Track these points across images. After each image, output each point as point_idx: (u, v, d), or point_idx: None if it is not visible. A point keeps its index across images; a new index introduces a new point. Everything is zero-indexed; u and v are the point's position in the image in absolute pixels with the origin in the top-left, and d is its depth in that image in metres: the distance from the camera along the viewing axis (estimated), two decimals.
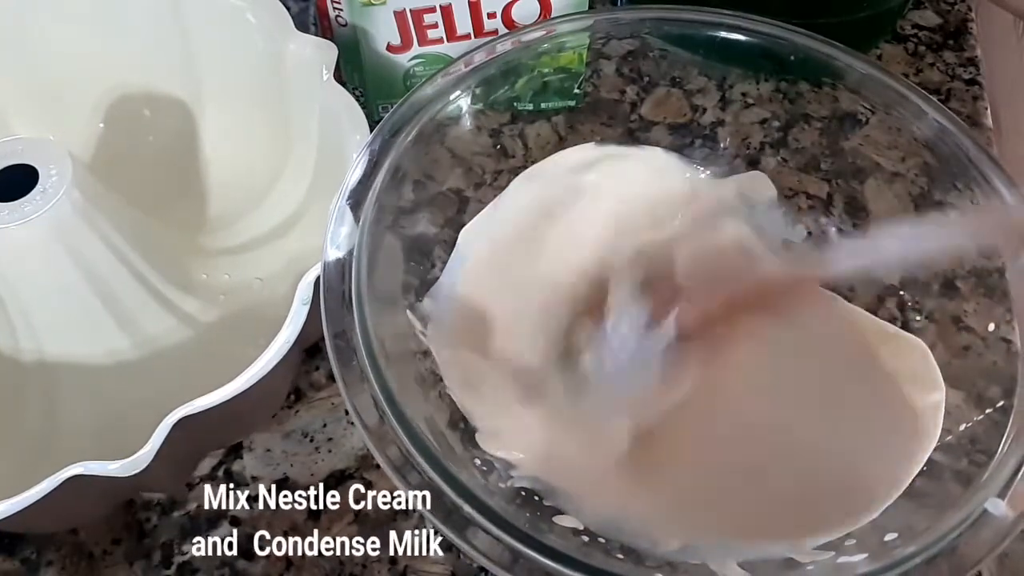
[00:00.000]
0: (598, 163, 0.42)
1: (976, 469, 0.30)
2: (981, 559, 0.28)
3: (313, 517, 0.36)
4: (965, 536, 0.28)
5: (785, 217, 0.42)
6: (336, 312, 0.31)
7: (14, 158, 0.35)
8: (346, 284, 0.31)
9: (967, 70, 0.53)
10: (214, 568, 0.35)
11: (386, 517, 0.36)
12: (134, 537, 0.36)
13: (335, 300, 0.31)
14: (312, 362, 0.40)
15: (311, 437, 0.38)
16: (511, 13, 0.43)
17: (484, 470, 0.34)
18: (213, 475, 0.37)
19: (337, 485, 0.37)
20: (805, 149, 0.43)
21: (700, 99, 0.45)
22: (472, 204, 0.41)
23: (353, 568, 0.35)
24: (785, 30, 0.39)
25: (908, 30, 0.55)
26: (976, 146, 0.36)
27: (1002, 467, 0.30)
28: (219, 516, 0.36)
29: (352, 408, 0.29)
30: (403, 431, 0.29)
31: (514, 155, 0.43)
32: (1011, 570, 0.38)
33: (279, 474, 0.37)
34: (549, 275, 0.40)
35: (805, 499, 0.34)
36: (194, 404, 0.31)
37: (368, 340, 0.30)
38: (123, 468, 0.30)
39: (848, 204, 0.42)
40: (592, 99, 0.46)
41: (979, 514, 0.28)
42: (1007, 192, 0.35)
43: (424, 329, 0.36)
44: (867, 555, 0.30)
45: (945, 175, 0.37)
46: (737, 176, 0.43)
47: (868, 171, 0.41)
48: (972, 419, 0.33)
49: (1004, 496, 0.29)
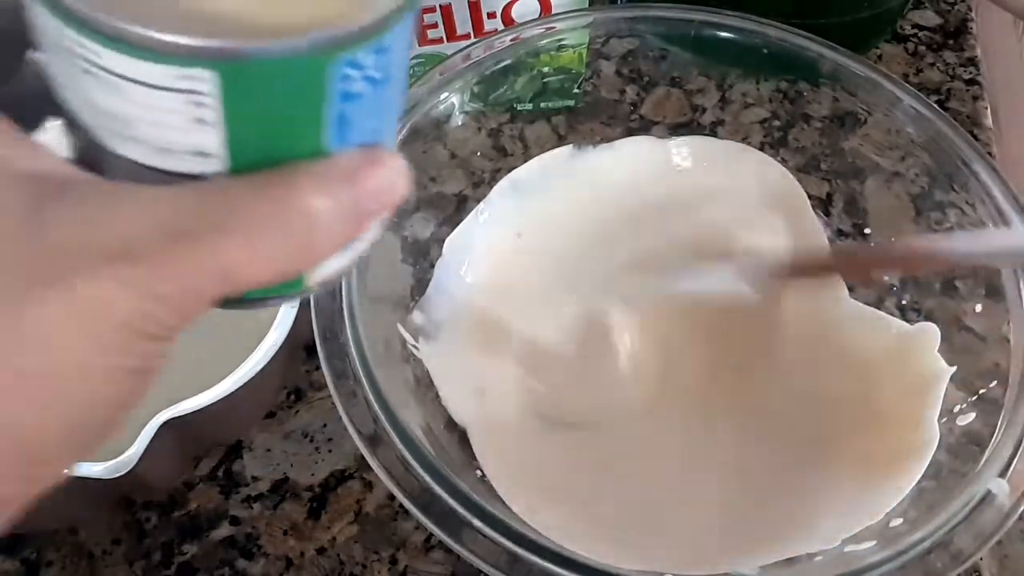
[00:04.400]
0: (575, 160, 0.42)
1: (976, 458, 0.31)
2: (988, 539, 0.28)
3: (313, 517, 0.36)
4: (971, 518, 0.28)
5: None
6: (327, 313, 0.31)
7: None
8: (338, 286, 0.31)
9: (967, 70, 0.53)
10: (214, 568, 0.35)
11: (386, 517, 0.36)
12: (134, 537, 0.36)
13: (327, 301, 0.31)
14: (312, 362, 0.40)
15: (311, 437, 0.38)
16: (511, 13, 0.43)
17: (482, 475, 0.34)
18: (213, 475, 0.37)
19: (337, 485, 0.37)
20: (805, 149, 0.43)
21: (700, 99, 0.45)
22: (471, 204, 0.41)
23: (353, 568, 0.35)
24: (785, 31, 0.39)
25: (908, 30, 0.55)
26: (970, 147, 0.36)
27: (1001, 449, 0.30)
28: (219, 516, 0.36)
29: (345, 416, 0.29)
30: (397, 436, 0.29)
31: (513, 155, 0.43)
32: (1011, 570, 0.38)
33: (279, 474, 0.37)
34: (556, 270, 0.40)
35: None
36: (181, 406, 0.31)
37: (360, 344, 0.30)
38: (108, 470, 0.30)
39: (848, 204, 0.42)
40: (592, 99, 0.46)
41: (983, 495, 0.29)
42: (1001, 195, 0.35)
43: (416, 343, 0.36)
44: (875, 542, 0.30)
45: (943, 175, 0.37)
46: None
47: (868, 171, 0.41)
48: (971, 417, 0.33)
49: (1005, 476, 0.29)
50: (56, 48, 0.16)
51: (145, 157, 0.16)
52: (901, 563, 0.28)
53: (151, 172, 0.16)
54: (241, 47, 0.15)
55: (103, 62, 0.15)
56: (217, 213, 0.15)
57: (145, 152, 0.16)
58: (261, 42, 0.15)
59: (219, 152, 0.16)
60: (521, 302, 0.39)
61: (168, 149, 0.16)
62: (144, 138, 0.16)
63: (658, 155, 0.43)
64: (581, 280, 0.41)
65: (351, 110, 0.16)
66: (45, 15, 0.15)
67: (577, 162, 0.41)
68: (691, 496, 0.35)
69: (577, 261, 0.41)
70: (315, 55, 0.15)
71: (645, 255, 0.40)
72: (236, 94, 0.15)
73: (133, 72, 0.15)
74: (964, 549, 0.28)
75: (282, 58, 0.15)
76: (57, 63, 0.16)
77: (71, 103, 0.16)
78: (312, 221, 0.16)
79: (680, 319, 0.39)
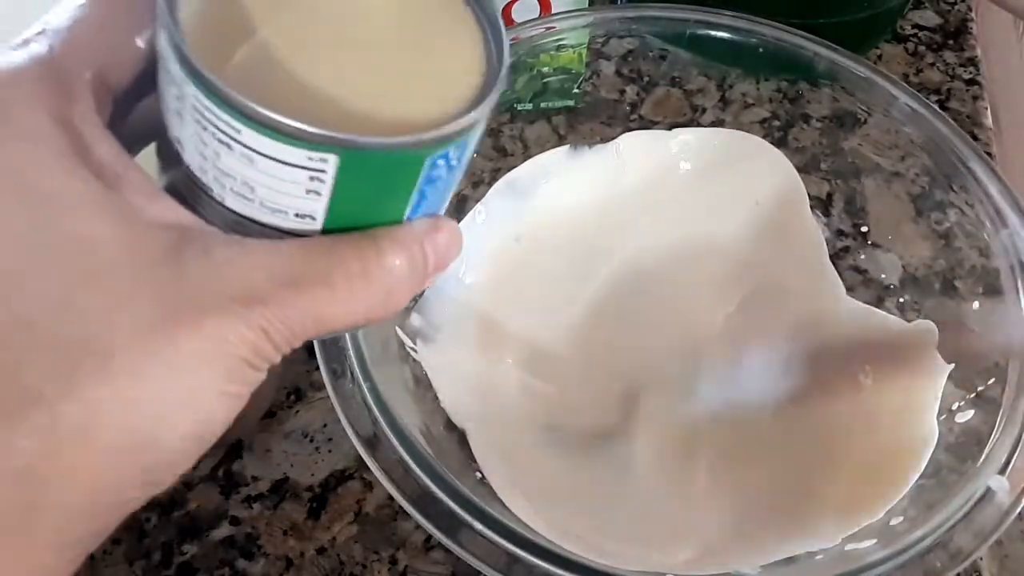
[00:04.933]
0: (572, 160, 0.42)
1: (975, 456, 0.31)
2: (988, 537, 0.28)
3: (313, 517, 0.36)
4: (971, 516, 0.28)
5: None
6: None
7: None
8: None
9: (967, 70, 0.53)
10: (214, 568, 0.35)
11: (386, 517, 0.36)
12: (134, 537, 0.36)
13: None
14: (312, 362, 0.40)
15: (311, 437, 0.38)
16: (511, 13, 0.43)
17: (481, 476, 0.34)
18: (213, 475, 0.37)
19: (337, 485, 0.37)
20: (805, 149, 0.43)
21: (700, 99, 0.45)
22: (470, 204, 0.41)
23: (353, 568, 0.35)
24: (784, 31, 0.40)
25: (908, 30, 0.55)
26: (968, 147, 0.36)
27: (1000, 446, 0.30)
28: (219, 516, 0.36)
29: (344, 418, 0.29)
30: (396, 438, 0.29)
31: (513, 155, 0.43)
32: (1011, 570, 0.38)
33: (279, 474, 0.37)
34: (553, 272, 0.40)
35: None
36: None
37: (358, 346, 0.30)
38: None
39: (848, 204, 0.42)
40: (592, 99, 0.46)
41: (982, 493, 0.29)
42: (999, 195, 0.35)
43: (414, 345, 0.36)
44: (875, 541, 0.30)
45: (942, 176, 0.37)
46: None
47: (868, 171, 0.41)
48: (970, 414, 0.34)
49: (1004, 473, 0.29)
50: (193, 113, 0.18)
51: (252, 213, 0.19)
52: (901, 562, 0.28)
53: (254, 225, 0.19)
54: (363, 140, 0.17)
55: (241, 138, 0.17)
56: (322, 267, 0.19)
57: (254, 209, 0.19)
58: (380, 136, 0.18)
59: (319, 216, 0.19)
60: (520, 303, 0.39)
61: (277, 210, 0.19)
62: (258, 199, 0.19)
63: (659, 152, 0.42)
64: (580, 281, 0.41)
65: (430, 189, 0.20)
66: (189, 85, 0.17)
67: (574, 162, 0.41)
68: (691, 496, 0.35)
69: (577, 262, 0.41)
70: (419, 151, 0.18)
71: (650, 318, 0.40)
72: (349, 174, 0.18)
73: (267, 149, 0.17)
74: (964, 548, 0.28)
75: (393, 151, 0.18)
76: (188, 125, 0.18)
77: (189, 155, 0.19)
78: (394, 277, 0.19)
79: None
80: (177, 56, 0.17)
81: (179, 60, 0.17)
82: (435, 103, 0.19)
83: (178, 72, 0.17)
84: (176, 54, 0.17)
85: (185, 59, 0.17)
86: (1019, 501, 0.29)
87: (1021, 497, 0.29)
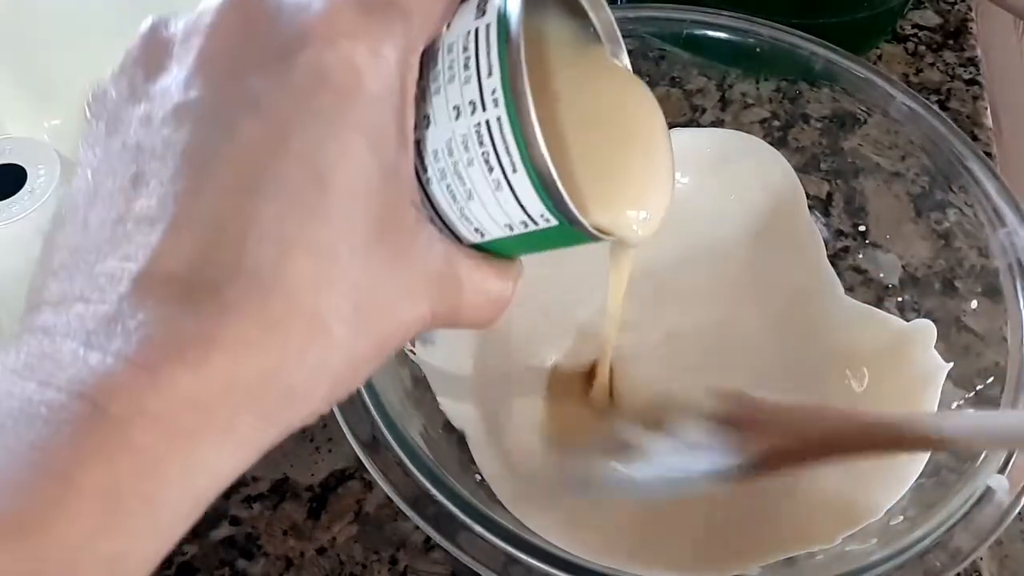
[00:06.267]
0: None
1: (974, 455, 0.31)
2: (987, 536, 0.28)
3: (313, 517, 0.37)
4: (970, 515, 0.28)
5: None
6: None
7: (2, 158, 0.35)
8: None
9: (967, 70, 0.53)
10: (214, 568, 0.35)
11: (386, 517, 0.37)
12: None
13: None
14: None
15: (311, 437, 0.38)
16: None
17: (480, 478, 0.34)
18: None
19: (337, 485, 0.37)
20: (805, 149, 0.43)
21: (700, 99, 0.45)
22: None
23: (353, 568, 0.35)
24: (783, 31, 0.40)
25: (908, 30, 0.55)
26: (967, 147, 0.36)
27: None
28: (219, 516, 0.36)
29: (343, 421, 0.29)
30: (395, 440, 0.29)
31: None
32: (1011, 570, 0.38)
33: (279, 474, 0.37)
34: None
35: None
36: None
37: None
38: None
39: (848, 204, 0.42)
40: None
41: (982, 492, 0.29)
42: (997, 195, 0.35)
43: (413, 347, 0.36)
44: (875, 541, 0.30)
45: (941, 176, 0.37)
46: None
47: (868, 171, 0.41)
48: None
49: (1004, 472, 0.29)
50: (473, 121, 0.18)
51: (446, 209, 0.20)
52: (901, 562, 0.28)
53: (436, 215, 0.21)
54: (584, 221, 0.19)
55: (510, 175, 0.18)
56: (480, 274, 0.22)
57: (450, 209, 0.20)
58: (588, 220, 0.19)
59: (489, 238, 0.21)
60: (519, 306, 0.39)
61: (467, 219, 0.20)
62: (462, 206, 0.20)
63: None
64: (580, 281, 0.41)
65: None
66: (498, 108, 0.18)
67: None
68: (691, 496, 0.35)
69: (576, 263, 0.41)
70: (589, 236, 0.20)
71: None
72: (549, 231, 0.20)
73: (521, 191, 0.19)
74: (963, 547, 0.28)
75: (590, 236, 0.20)
76: (456, 122, 0.19)
77: (431, 134, 0.19)
78: (504, 294, 0.23)
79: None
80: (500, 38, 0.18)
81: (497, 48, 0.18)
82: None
83: (490, 78, 0.18)
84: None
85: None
86: (1019, 500, 0.28)
87: (1021, 496, 0.29)
